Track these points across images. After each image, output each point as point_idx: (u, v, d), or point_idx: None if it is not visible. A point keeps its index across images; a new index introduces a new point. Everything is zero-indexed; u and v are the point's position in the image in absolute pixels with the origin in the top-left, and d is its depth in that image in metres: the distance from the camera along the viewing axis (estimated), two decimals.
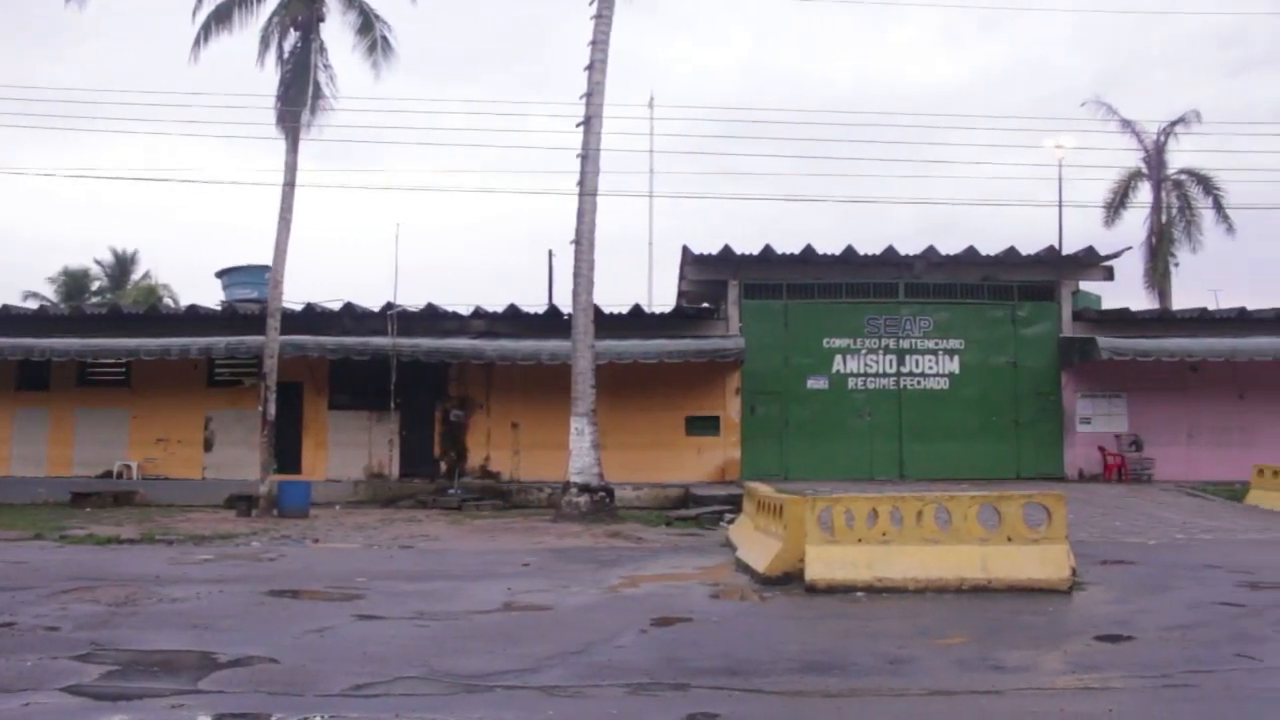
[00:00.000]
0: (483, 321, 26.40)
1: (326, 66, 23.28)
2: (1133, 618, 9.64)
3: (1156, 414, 27.14)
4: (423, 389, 25.78)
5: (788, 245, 26.36)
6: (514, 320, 26.32)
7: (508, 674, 7.47)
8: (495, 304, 26.50)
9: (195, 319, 26.48)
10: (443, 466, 25.91)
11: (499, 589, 11.57)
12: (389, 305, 25.60)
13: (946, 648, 8.40)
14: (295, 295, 25.48)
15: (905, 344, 27.00)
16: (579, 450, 20.50)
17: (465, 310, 26.47)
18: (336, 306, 26.10)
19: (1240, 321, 27.78)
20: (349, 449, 25.88)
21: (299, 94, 22.56)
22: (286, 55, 22.95)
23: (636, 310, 26.76)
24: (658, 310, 27.71)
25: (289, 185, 22.53)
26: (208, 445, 25.98)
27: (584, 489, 20.16)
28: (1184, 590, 11.22)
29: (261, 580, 12.19)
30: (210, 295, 34.63)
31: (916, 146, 51.55)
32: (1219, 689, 7.11)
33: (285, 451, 23.76)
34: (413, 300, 26.24)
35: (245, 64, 23.13)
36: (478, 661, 7.89)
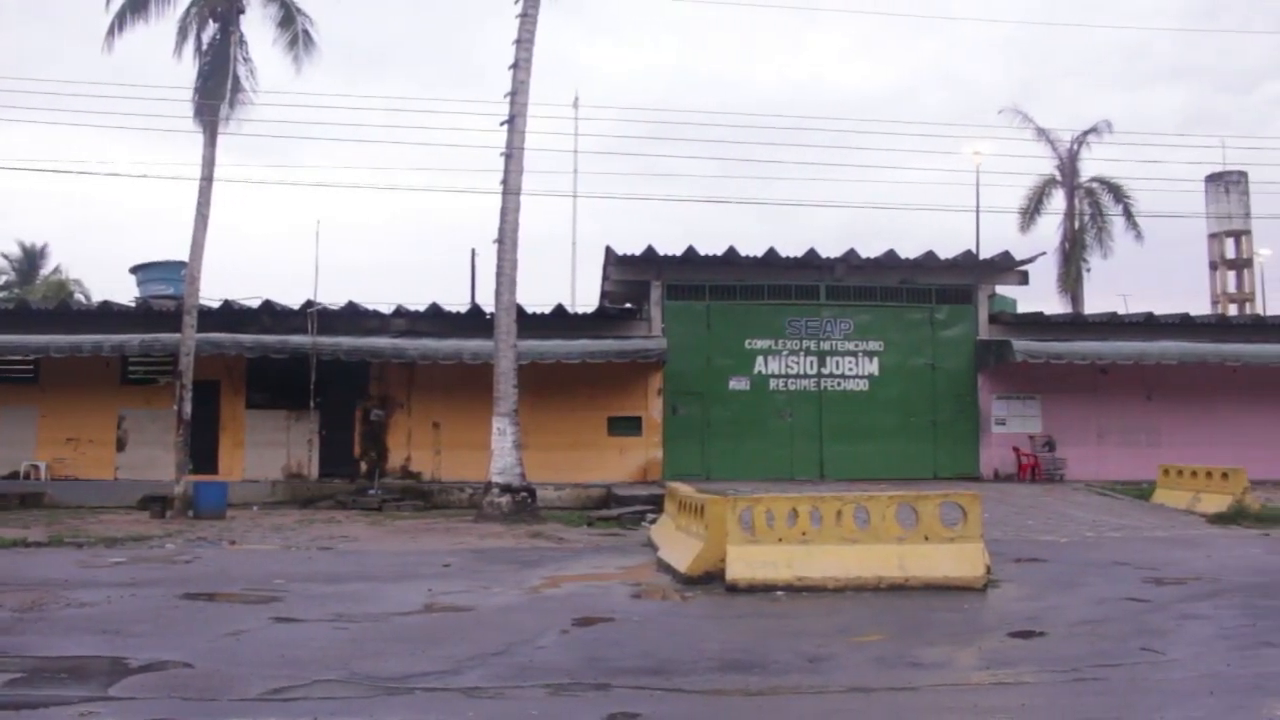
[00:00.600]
0: (404, 320, 26.16)
1: (246, 60, 22.87)
2: (1044, 614, 9.86)
3: (1068, 415, 27.80)
4: (343, 388, 25.47)
5: (711, 247, 26.57)
6: (436, 319, 26.13)
7: (428, 675, 7.42)
8: (417, 303, 26.34)
9: (108, 315, 25.83)
10: (363, 466, 25.63)
11: (420, 590, 11.48)
12: (309, 303, 25.24)
13: (865, 645, 8.52)
14: (213, 292, 25.06)
15: (826, 346, 27.30)
16: (501, 450, 20.41)
17: (387, 309, 26.23)
18: (255, 304, 25.66)
19: (1148, 326, 28.57)
20: (267, 449, 25.46)
21: (218, 87, 22.13)
22: (205, 47, 22.50)
23: (560, 310, 26.73)
24: (581, 310, 27.71)
25: (206, 180, 22.10)
26: (120, 445, 25.38)
27: (506, 489, 20.08)
28: (1093, 587, 11.50)
29: (176, 583, 11.96)
30: (124, 291, 33.91)
31: (839, 151, 52.23)
32: (1125, 682, 7.30)
33: (201, 451, 23.29)
34: (333, 299, 25.96)
35: (163, 55, 22.68)
36: (398, 663, 7.82)
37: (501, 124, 21.31)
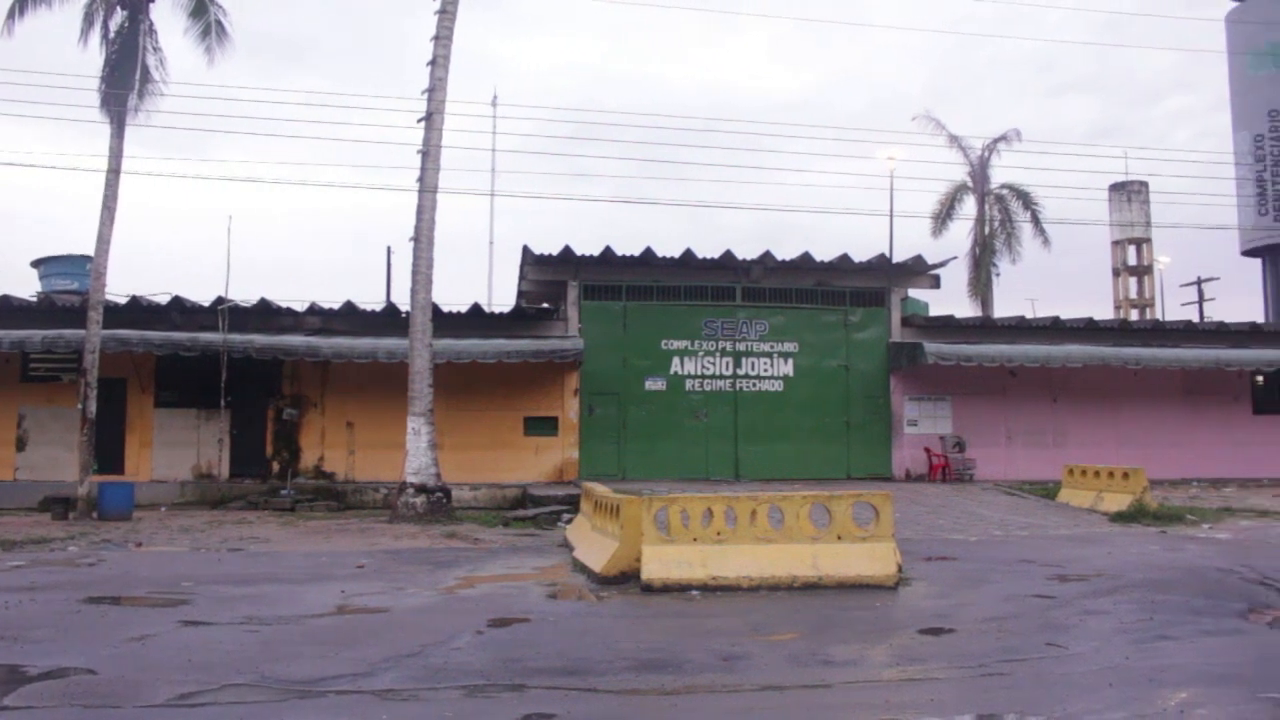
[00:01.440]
0: (318, 318, 25.79)
1: (156, 49, 22.30)
2: (953, 611, 10.06)
3: (978, 416, 28.38)
4: (255, 387, 25.04)
5: (630, 248, 26.66)
6: (351, 317, 25.80)
7: (341, 678, 7.34)
8: (332, 301, 25.97)
9: (8, 310, 24.98)
10: (275, 467, 25.21)
11: (333, 592, 11.35)
12: (220, 300, 24.75)
13: (778, 644, 8.61)
14: (119, 287, 24.45)
15: (741, 347, 27.52)
16: (416, 450, 20.24)
17: (301, 306, 25.80)
18: (164, 300, 25.03)
19: (1054, 330, 29.33)
20: (176, 449, 24.90)
21: (126, 77, 21.56)
22: (113, 35, 21.90)
23: (476, 309, 26.57)
24: (498, 310, 27.58)
25: (114, 172, 21.54)
26: (20, 444, 24.61)
27: (421, 489, 19.92)
28: (1000, 584, 11.76)
29: (79, 587, 11.65)
30: (26, 286, 32.89)
31: (756, 153, 52.64)
32: (1030, 676, 7.49)
33: (107, 451, 22.74)
34: (246, 295, 25.48)
35: (67, 41, 22.06)
36: (310, 666, 7.72)
37: (419, 121, 21.14)
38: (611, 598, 11.05)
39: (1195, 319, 46.94)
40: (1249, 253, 69.43)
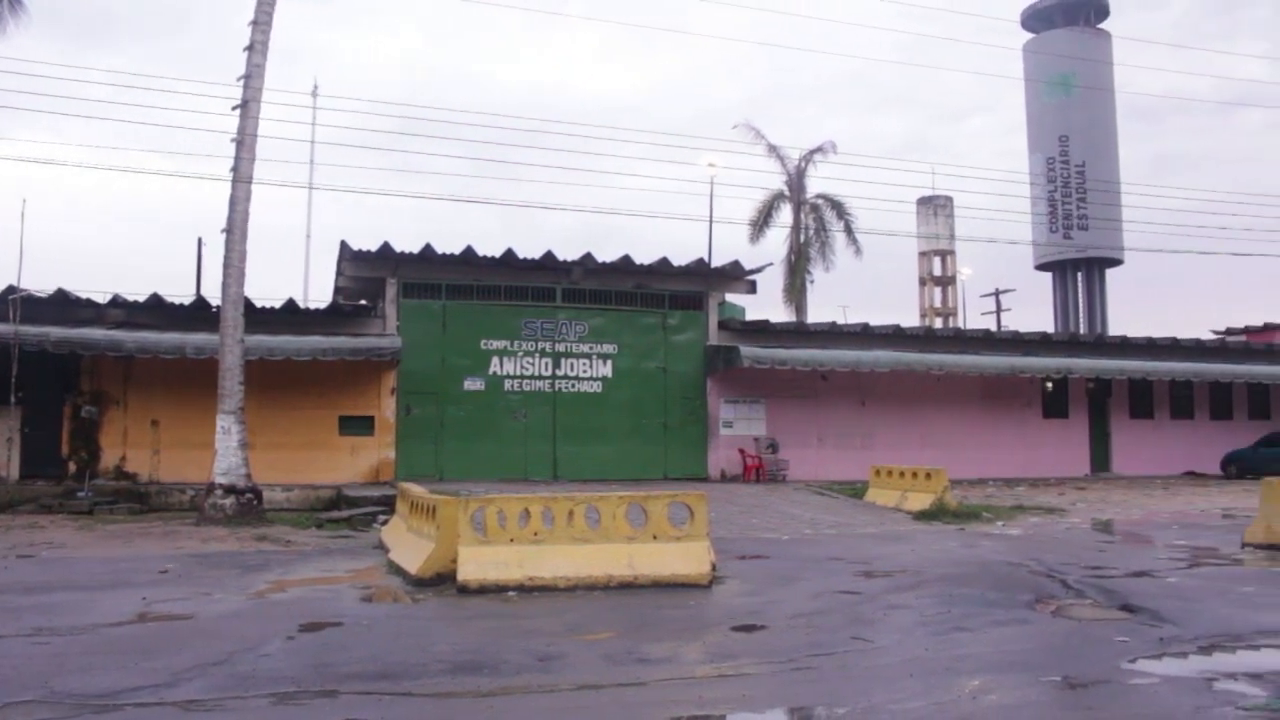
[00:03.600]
0: (122, 311, 24.59)
1: None
2: (765, 608, 10.31)
3: (791, 419, 29.20)
4: (50, 382, 23.69)
5: (453, 246, 26.35)
6: (157, 311, 24.71)
7: (140, 690, 7.01)
8: (137, 293, 24.79)
9: None
10: (72, 467, 23.91)
11: (133, 598, 10.83)
12: (11, 289, 23.28)
13: (595, 643, 8.66)
14: None
15: (561, 347, 27.57)
16: (225, 450, 19.51)
17: (103, 298, 24.55)
18: None
19: (864, 335, 30.46)
20: None
21: None
22: None
23: (291, 305, 25.83)
24: (314, 306, 26.90)
25: None
26: None
27: (230, 490, 19.22)
28: (810, 581, 12.11)
29: None
30: None
31: (581, 155, 52.82)
32: (837, 669, 7.75)
33: None
34: (41, 285, 24.06)
35: None
36: (107, 679, 7.35)
37: (234, 108, 20.39)
38: (427, 600, 10.91)
39: (993, 328, 49.45)
40: (1041, 267, 73.72)
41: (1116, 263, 70.84)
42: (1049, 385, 32.72)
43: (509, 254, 26.60)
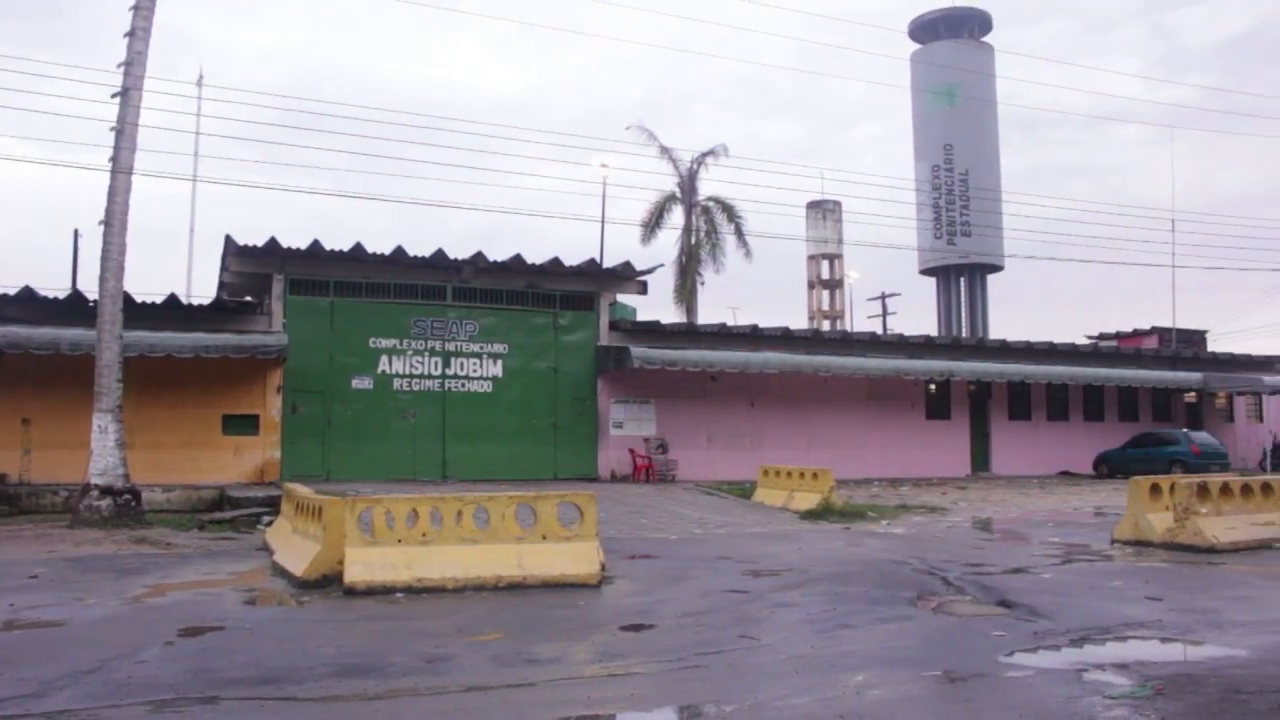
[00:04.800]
0: None
1: None
2: (654, 607, 10.35)
3: (681, 419, 29.41)
4: None
5: (343, 243, 25.92)
6: (29, 304, 23.78)
7: (7, 701, 6.71)
8: (8, 285, 23.90)
9: None
10: None
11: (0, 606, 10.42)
12: None
13: (483, 644, 8.60)
14: None
15: (451, 347, 27.34)
16: (102, 449, 18.88)
17: None
18: None
19: (753, 337, 30.83)
20: None
21: None
22: None
23: (173, 300, 25.10)
24: (197, 302, 26.21)
25: None
26: None
27: (106, 491, 18.59)
28: (699, 580, 12.20)
29: None
30: None
31: (474, 154, 52.42)
32: (724, 667, 7.81)
33: None
34: None
35: None
36: None
37: (114, 96, 19.72)
38: (313, 602, 10.70)
39: (879, 331, 50.52)
40: (926, 272, 75.49)
41: (997, 269, 72.92)
42: (932, 387, 33.54)
43: (399, 252, 26.26)
